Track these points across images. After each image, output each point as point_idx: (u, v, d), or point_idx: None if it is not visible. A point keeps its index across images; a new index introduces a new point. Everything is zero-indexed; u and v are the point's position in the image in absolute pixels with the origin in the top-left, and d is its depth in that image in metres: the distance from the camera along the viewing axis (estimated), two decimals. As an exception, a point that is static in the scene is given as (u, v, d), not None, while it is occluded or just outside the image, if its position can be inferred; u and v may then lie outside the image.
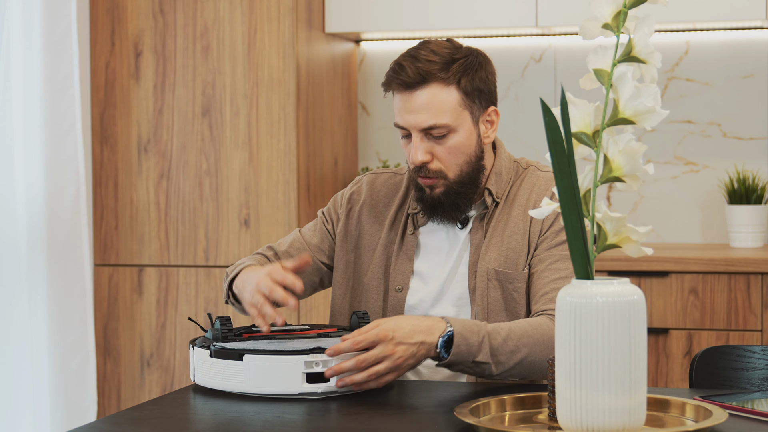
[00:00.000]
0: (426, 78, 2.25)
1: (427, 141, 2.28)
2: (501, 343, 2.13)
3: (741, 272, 3.60)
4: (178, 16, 3.96)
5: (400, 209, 2.43)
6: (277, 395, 2.04)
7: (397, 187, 2.47)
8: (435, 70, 2.26)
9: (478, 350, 2.10)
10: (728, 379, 2.40)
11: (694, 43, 4.18)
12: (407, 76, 2.26)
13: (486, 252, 2.32)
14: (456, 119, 2.27)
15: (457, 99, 2.27)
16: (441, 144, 2.28)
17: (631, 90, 1.61)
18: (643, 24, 1.63)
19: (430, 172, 2.29)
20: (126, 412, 1.98)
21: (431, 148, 2.28)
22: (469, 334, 2.10)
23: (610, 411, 1.57)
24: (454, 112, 2.27)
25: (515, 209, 2.35)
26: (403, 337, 2.06)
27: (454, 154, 2.29)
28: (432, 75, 2.25)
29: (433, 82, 2.26)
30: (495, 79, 2.37)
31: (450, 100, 2.27)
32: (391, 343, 2.05)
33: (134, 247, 4.03)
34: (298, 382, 2.02)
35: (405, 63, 2.27)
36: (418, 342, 2.07)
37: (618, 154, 1.62)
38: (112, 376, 4.04)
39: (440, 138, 2.28)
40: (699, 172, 4.19)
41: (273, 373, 2.02)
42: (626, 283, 1.60)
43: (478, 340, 2.10)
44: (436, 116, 2.26)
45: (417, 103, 2.26)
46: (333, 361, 2.02)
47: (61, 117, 3.81)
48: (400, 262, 2.38)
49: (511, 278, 2.31)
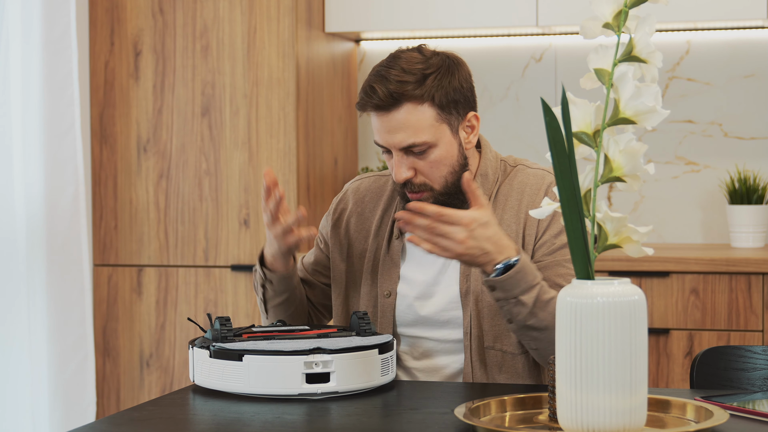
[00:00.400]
0: (399, 99, 2.22)
1: (408, 157, 2.26)
2: (546, 301, 2.16)
3: (742, 272, 3.60)
4: (178, 15, 3.96)
5: (386, 214, 2.42)
6: (277, 396, 2.03)
7: (381, 191, 2.46)
8: (408, 90, 2.22)
9: (527, 290, 2.13)
10: (729, 380, 2.39)
11: (695, 42, 4.18)
12: (379, 99, 2.22)
13: None
14: (434, 134, 2.24)
15: (432, 115, 2.24)
16: (422, 159, 2.26)
17: (631, 90, 1.61)
18: (644, 23, 1.62)
19: (415, 186, 2.28)
20: (125, 413, 1.98)
21: (413, 163, 2.26)
22: (528, 272, 2.13)
23: (610, 412, 1.57)
24: (432, 128, 2.24)
25: (507, 211, 2.33)
26: (479, 236, 2.09)
27: (437, 168, 2.26)
28: (405, 95, 2.22)
29: (406, 102, 2.22)
30: (471, 83, 2.32)
31: (425, 118, 2.23)
32: (466, 232, 2.08)
33: (133, 247, 4.02)
34: (298, 383, 2.02)
35: (376, 86, 2.23)
36: (486, 250, 2.11)
37: (619, 154, 1.62)
38: (112, 377, 4.04)
39: (421, 154, 2.25)
40: (700, 172, 4.19)
41: (273, 373, 2.02)
42: (627, 283, 1.59)
43: (533, 282, 2.14)
44: (414, 135, 2.23)
45: (393, 124, 2.23)
46: (333, 361, 2.02)
47: (60, 117, 3.81)
48: (387, 268, 2.38)
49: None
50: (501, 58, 4.27)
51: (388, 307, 2.36)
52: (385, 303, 2.36)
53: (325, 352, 2.04)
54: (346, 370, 2.05)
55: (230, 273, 3.95)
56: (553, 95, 4.24)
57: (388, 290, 2.37)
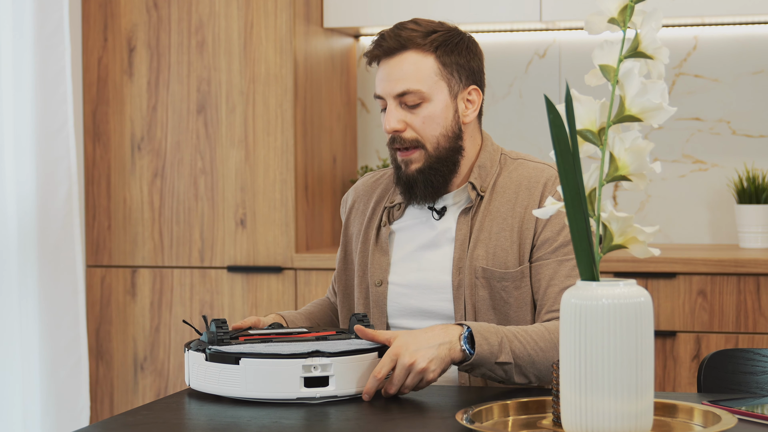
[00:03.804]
0: (404, 45, 2.32)
1: (402, 110, 2.32)
2: (520, 348, 2.16)
3: (751, 273, 3.59)
4: (173, 10, 3.96)
5: (378, 204, 2.47)
6: (275, 400, 2.02)
7: (376, 184, 2.52)
8: (414, 37, 2.32)
9: (500, 350, 2.13)
10: (737, 384, 2.39)
11: (702, 38, 4.17)
12: (386, 43, 2.33)
13: (474, 248, 2.32)
14: (431, 88, 2.31)
15: (433, 67, 2.32)
16: (415, 113, 2.32)
17: (637, 86, 1.62)
18: (650, 18, 1.63)
19: (406, 142, 2.33)
20: (119, 417, 1.98)
21: (405, 117, 2.32)
22: (487, 333, 2.13)
23: (616, 416, 1.57)
24: (429, 80, 2.31)
25: (505, 204, 2.35)
26: (419, 345, 2.07)
27: (429, 124, 2.31)
28: (411, 41, 2.32)
29: (411, 49, 2.32)
30: (481, 63, 2.41)
31: (426, 68, 2.31)
32: (407, 354, 2.05)
33: (127, 247, 4.02)
34: (296, 387, 2.01)
35: (386, 32, 2.35)
36: (437, 344, 2.08)
37: (624, 153, 1.62)
38: (105, 380, 4.04)
39: (414, 107, 2.31)
40: (707, 170, 4.18)
41: (270, 377, 2.01)
42: (633, 284, 1.60)
43: (498, 340, 2.13)
44: (411, 82, 2.30)
45: (395, 71, 2.32)
46: (332, 364, 2.01)
47: (52, 114, 3.80)
48: (377, 257, 2.41)
49: (499, 277, 2.31)
50: (504, 54, 4.27)
51: (380, 297, 2.39)
52: (376, 292, 2.39)
53: (323, 355, 2.02)
54: (345, 373, 2.04)
55: (226, 274, 3.94)
56: (557, 92, 4.24)
57: (379, 279, 2.40)
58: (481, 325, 2.14)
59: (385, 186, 2.48)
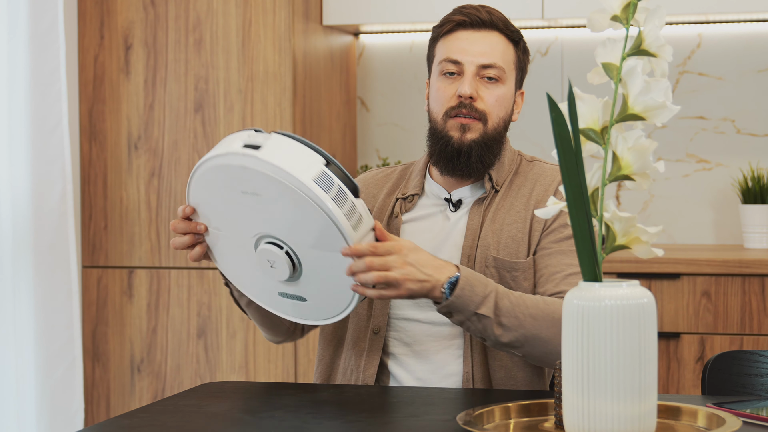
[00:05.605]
0: (496, 24, 2.38)
1: (477, 83, 2.36)
2: (508, 306, 2.15)
3: (755, 274, 3.59)
4: (170, 7, 3.96)
5: (388, 197, 2.47)
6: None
7: (387, 178, 2.53)
8: (505, 22, 2.40)
9: (482, 302, 2.13)
10: (742, 386, 2.40)
11: (706, 35, 4.17)
12: (480, 15, 2.38)
13: (484, 238, 2.34)
14: (508, 72, 2.38)
15: (513, 56, 2.40)
16: (489, 89, 2.36)
17: (640, 85, 1.62)
18: (653, 16, 1.63)
19: (474, 109, 2.35)
20: (115, 420, 1.98)
21: (479, 88, 2.36)
22: (476, 283, 2.13)
23: (619, 419, 1.57)
24: (509, 65, 2.38)
25: (519, 198, 2.39)
26: (415, 261, 2.10)
27: (499, 103, 2.37)
28: (502, 24, 2.39)
29: (499, 31, 2.39)
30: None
31: (509, 53, 2.39)
32: (402, 259, 2.08)
33: (124, 248, 4.01)
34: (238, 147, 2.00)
35: (476, 6, 2.40)
36: (426, 274, 2.11)
37: (627, 152, 1.62)
38: (101, 383, 4.04)
39: (491, 82, 2.36)
40: (712, 170, 4.19)
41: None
42: (636, 285, 1.59)
43: (484, 292, 2.14)
44: (498, 58, 2.36)
45: (482, 42, 2.37)
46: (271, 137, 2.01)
47: (47, 113, 3.80)
48: None
49: (509, 266, 2.32)
50: (505, 52, 4.24)
51: None
52: None
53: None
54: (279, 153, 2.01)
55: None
56: (560, 90, 4.25)
57: None
58: (476, 275, 2.15)
59: (396, 180, 2.50)
